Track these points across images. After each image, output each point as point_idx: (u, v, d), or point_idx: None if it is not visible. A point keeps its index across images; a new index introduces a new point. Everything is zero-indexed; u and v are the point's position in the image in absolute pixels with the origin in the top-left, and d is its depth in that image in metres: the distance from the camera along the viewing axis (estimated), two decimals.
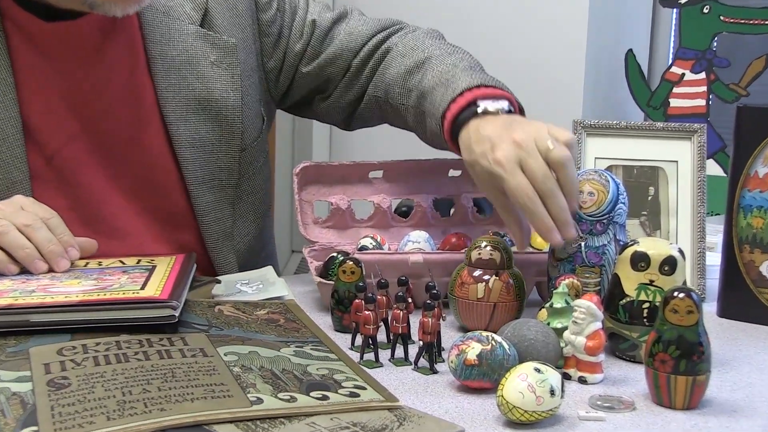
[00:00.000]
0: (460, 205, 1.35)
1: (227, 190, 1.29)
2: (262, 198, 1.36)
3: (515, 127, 1.05)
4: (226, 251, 1.29)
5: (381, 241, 1.25)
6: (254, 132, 1.31)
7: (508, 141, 1.02)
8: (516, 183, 1.00)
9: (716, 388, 0.94)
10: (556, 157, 1.00)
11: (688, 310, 0.87)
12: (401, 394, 0.89)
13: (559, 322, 0.98)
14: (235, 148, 1.28)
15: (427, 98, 1.21)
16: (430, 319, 0.96)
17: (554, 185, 0.99)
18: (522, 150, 1.01)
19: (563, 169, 1.00)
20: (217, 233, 1.29)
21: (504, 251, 1.08)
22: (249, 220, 1.33)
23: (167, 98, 1.23)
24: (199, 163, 1.25)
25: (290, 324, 1.02)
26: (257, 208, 1.35)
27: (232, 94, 1.26)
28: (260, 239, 1.37)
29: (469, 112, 1.11)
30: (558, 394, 0.83)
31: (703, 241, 1.28)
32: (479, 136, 1.06)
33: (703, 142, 1.29)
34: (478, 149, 1.05)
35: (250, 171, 1.32)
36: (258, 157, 1.33)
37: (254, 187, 1.33)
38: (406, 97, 1.26)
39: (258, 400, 0.79)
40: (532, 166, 1.00)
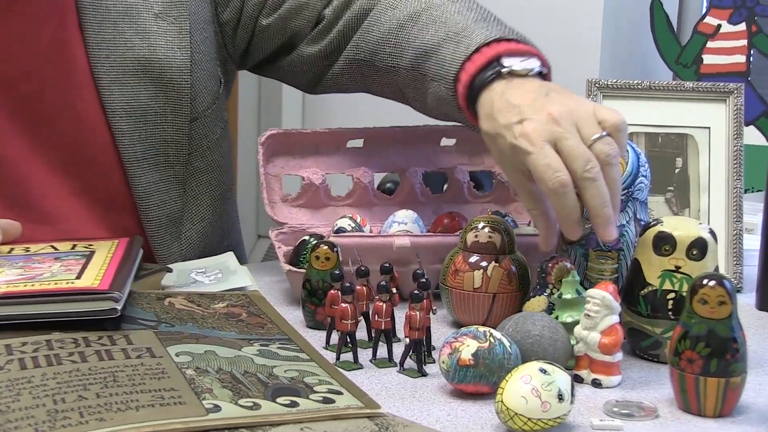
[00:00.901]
0: (455, 180, 1.35)
1: (175, 168, 1.28)
2: (219, 177, 1.35)
3: (553, 97, 1.01)
4: (170, 240, 1.28)
5: (361, 222, 1.26)
6: (208, 97, 1.31)
7: (542, 113, 0.99)
8: (545, 161, 0.96)
9: (753, 392, 0.95)
10: (602, 150, 0.96)
11: (719, 300, 0.88)
12: (384, 400, 0.89)
13: (569, 316, 0.99)
14: (184, 117, 1.27)
15: (431, 57, 1.17)
16: (418, 312, 0.96)
17: (597, 172, 0.96)
18: (558, 127, 0.98)
19: (608, 167, 0.97)
20: (161, 219, 1.28)
21: (505, 233, 1.09)
22: (203, 203, 1.33)
23: (100, 58, 1.22)
24: (139, 135, 1.24)
25: (254, 319, 1.03)
26: (214, 189, 1.34)
27: (179, 52, 1.25)
28: (218, 226, 1.37)
29: (492, 72, 1.08)
30: (567, 399, 0.83)
31: (740, 222, 1.29)
32: (505, 103, 1.03)
33: (741, 105, 1.30)
34: (503, 119, 1.02)
35: (204, 145, 1.31)
36: (214, 128, 1.33)
37: (209, 164, 1.33)
38: (398, 58, 1.23)
39: (215, 408, 0.79)
40: (569, 146, 0.96)
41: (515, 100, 1.02)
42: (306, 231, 1.28)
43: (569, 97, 1.02)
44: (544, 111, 0.99)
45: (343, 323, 0.99)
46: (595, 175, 0.96)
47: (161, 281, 1.14)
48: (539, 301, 1.04)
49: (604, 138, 0.98)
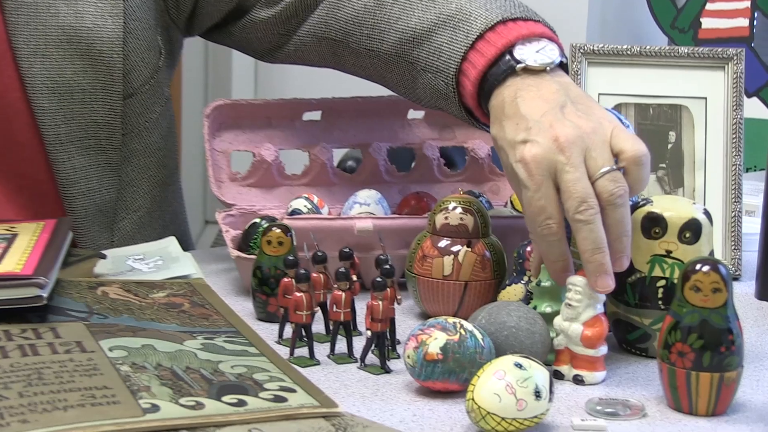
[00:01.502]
0: (423, 157, 1.36)
1: (107, 152, 1.28)
2: (160, 161, 1.35)
3: (567, 113, 0.99)
4: (98, 232, 1.28)
5: (318, 204, 1.26)
6: (145, 71, 1.30)
7: (547, 135, 0.97)
8: (540, 204, 0.95)
9: (750, 388, 0.97)
10: (606, 188, 0.94)
11: (713, 287, 0.89)
12: (343, 399, 0.90)
13: (548, 306, 1.00)
14: (116, 95, 1.26)
15: (422, 44, 1.14)
16: (381, 302, 0.97)
17: (592, 215, 0.94)
18: (562, 156, 0.95)
19: (610, 208, 0.95)
20: (88, 209, 1.28)
21: (478, 215, 1.10)
22: (141, 190, 1.33)
23: (19, 25, 1.21)
24: (64, 115, 1.24)
25: (198, 309, 1.03)
26: (153, 174, 1.34)
27: (110, 21, 1.24)
28: (158, 216, 1.36)
29: (504, 67, 1.05)
30: (545, 397, 0.84)
31: (739, 203, 1.30)
32: (514, 111, 1.01)
33: (741, 73, 1.32)
34: (509, 132, 1.00)
35: (141, 125, 1.31)
36: (152, 106, 1.32)
37: (147, 147, 1.33)
38: (378, 41, 1.19)
39: (153, 408, 0.80)
40: (567, 180, 0.95)
41: (525, 110, 1.00)
42: (257, 213, 1.28)
43: (587, 113, 0.99)
44: (551, 133, 0.97)
45: (298, 315, 1.00)
46: (587, 218, 0.94)
47: (94, 269, 1.14)
48: (516, 290, 1.05)
49: (612, 174, 0.95)
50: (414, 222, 1.19)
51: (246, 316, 1.09)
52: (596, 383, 0.97)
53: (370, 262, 1.14)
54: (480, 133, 1.38)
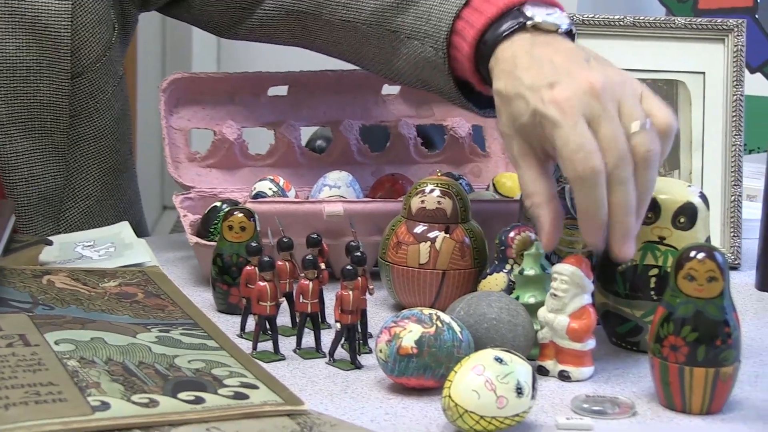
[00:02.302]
0: (399, 136, 1.36)
1: (53, 135, 1.28)
2: (112, 145, 1.35)
3: (594, 65, 0.99)
4: (42, 222, 1.28)
5: (285, 186, 1.27)
6: (96, 48, 1.30)
7: (580, 80, 0.96)
8: (579, 140, 0.93)
9: (748, 385, 0.98)
10: (643, 145, 0.94)
11: (709, 276, 0.90)
12: (310, 397, 0.91)
13: (531, 296, 1.01)
14: (63, 73, 1.26)
15: (407, 10, 1.14)
16: (351, 292, 0.98)
17: (630, 173, 0.94)
18: (597, 102, 0.95)
19: (644, 168, 0.95)
20: (31, 197, 1.28)
21: (457, 198, 1.10)
22: (90, 177, 1.32)
23: None
24: (5, 95, 1.24)
25: (152, 300, 1.03)
26: (104, 160, 1.34)
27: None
28: (109, 205, 1.36)
29: (513, 22, 1.04)
30: (527, 393, 0.85)
31: (739, 186, 1.31)
32: (533, 60, 1.00)
33: (742, 46, 1.33)
34: (528, 77, 0.98)
35: (91, 106, 1.30)
36: (104, 86, 1.32)
37: (98, 130, 1.32)
38: (355, 11, 1.19)
39: (102, 406, 0.80)
40: (607, 131, 0.94)
41: (546, 58, 0.99)
42: (218, 196, 1.29)
43: (614, 69, 1.00)
44: (582, 77, 0.96)
45: (261, 305, 1.00)
46: (627, 176, 0.94)
47: (39, 256, 1.14)
48: (497, 279, 1.06)
49: (649, 131, 0.95)
50: (388, 206, 1.19)
51: (206, 308, 1.09)
52: (583, 379, 0.97)
53: (340, 250, 1.14)
54: (460, 111, 1.38)
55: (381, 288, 1.14)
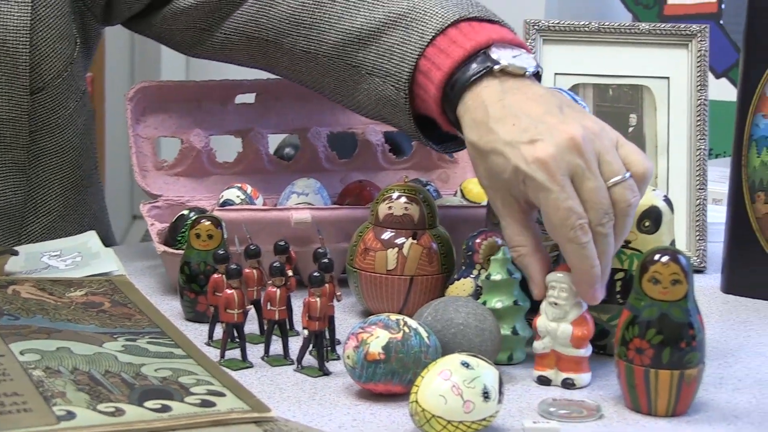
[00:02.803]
0: (367, 142, 1.37)
1: (14, 151, 1.26)
2: (74, 160, 1.34)
3: (569, 113, 0.98)
4: (3, 237, 1.27)
5: (252, 194, 1.27)
6: (58, 63, 1.28)
7: (560, 134, 0.95)
8: (568, 204, 0.94)
9: (713, 387, 0.99)
10: (624, 197, 0.95)
11: (673, 279, 0.90)
12: (277, 404, 0.91)
13: (498, 301, 1.01)
14: (22, 89, 1.24)
15: (369, 45, 1.12)
16: (319, 299, 0.98)
17: (611, 227, 0.95)
18: (580, 158, 0.95)
19: (624, 218, 0.96)
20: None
21: (425, 204, 1.11)
22: (52, 193, 1.32)
23: None
24: None
25: (119, 309, 1.03)
26: (67, 175, 1.33)
27: (15, 7, 1.22)
28: (73, 220, 1.35)
29: (480, 67, 1.02)
30: (494, 398, 0.85)
31: (704, 190, 1.32)
32: (505, 111, 0.98)
33: (705, 51, 1.34)
34: (505, 132, 0.97)
35: (52, 122, 1.29)
36: (65, 101, 1.31)
37: (60, 145, 1.31)
38: (316, 43, 1.17)
39: (68, 415, 0.80)
40: (590, 188, 0.95)
41: (519, 110, 0.98)
42: (185, 204, 1.29)
43: (589, 117, 0.99)
44: (562, 131, 0.96)
45: (229, 313, 1.00)
46: (608, 230, 0.95)
47: (5, 266, 1.14)
48: (465, 285, 1.06)
49: (629, 182, 0.96)
50: (355, 213, 1.19)
51: (173, 316, 1.09)
52: (585, 385, 0.98)
53: (308, 257, 1.14)
54: None
55: (349, 295, 1.14)
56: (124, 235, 3.03)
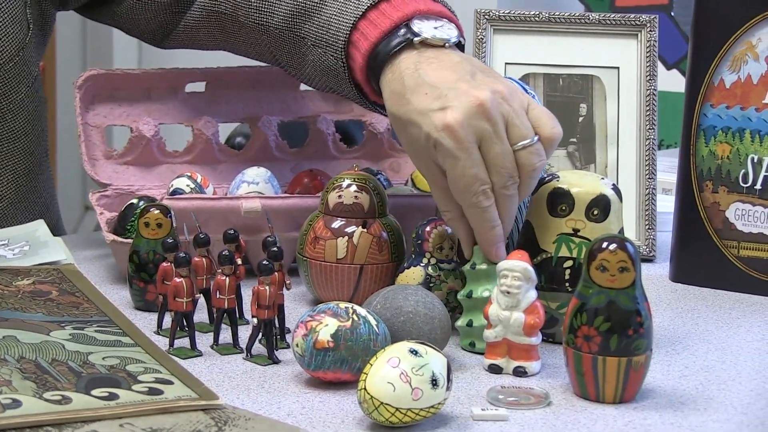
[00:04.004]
0: (318, 131, 1.37)
1: None
2: (26, 147, 1.33)
3: (480, 80, 1.01)
4: None
5: (202, 183, 1.26)
6: (10, 47, 1.28)
7: (467, 99, 0.99)
8: (473, 171, 0.98)
9: (660, 374, 0.99)
10: (530, 162, 0.99)
11: (620, 266, 0.91)
12: (226, 392, 0.91)
13: (485, 290, 1.01)
14: None
15: (313, 17, 1.16)
16: (268, 287, 0.98)
17: (515, 189, 1.00)
18: (487, 122, 0.98)
19: (528, 181, 1.00)
20: None
21: (375, 192, 1.11)
22: (4, 179, 1.31)
23: None
24: None
25: (67, 297, 1.03)
26: (18, 161, 1.32)
27: None
28: (24, 207, 1.35)
29: (400, 39, 1.06)
30: (443, 385, 0.86)
31: (653, 179, 1.33)
32: (419, 81, 1.02)
33: (654, 41, 1.35)
34: (418, 102, 1.01)
35: (4, 106, 1.29)
36: (17, 86, 1.30)
37: (12, 132, 1.31)
38: (268, 15, 1.20)
39: (13, 403, 0.79)
40: (496, 153, 0.98)
41: (433, 79, 1.01)
42: (134, 193, 1.28)
43: (500, 81, 1.02)
44: (469, 97, 0.99)
45: (178, 302, 1.00)
46: (513, 192, 0.99)
47: None
48: (415, 273, 1.06)
49: (536, 146, 0.99)
50: (306, 202, 1.19)
51: (122, 306, 1.09)
52: (536, 373, 0.98)
53: (258, 245, 1.14)
54: None
55: (299, 284, 1.14)
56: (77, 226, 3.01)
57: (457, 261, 1.06)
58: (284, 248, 1.03)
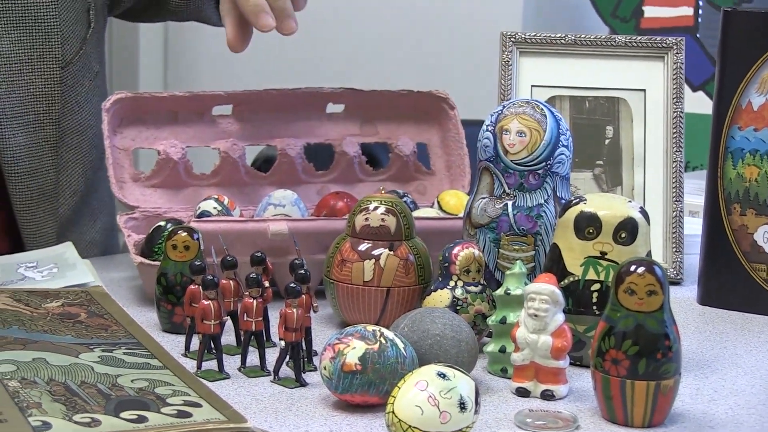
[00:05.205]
0: (343, 154, 1.37)
1: (46, 128, 1.31)
2: (91, 139, 1.38)
3: None
4: (44, 218, 1.30)
5: (229, 205, 1.27)
6: (75, 43, 1.34)
7: None
8: None
9: (689, 398, 0.99)
10: None
11: (649, 290, 0.91)
12: (254, 415, 0.91)
13: (517, 316, 1.01)
14: (54, 62, 1.30)
15: None
16: (296, 310, 0.98)
17: None
18: None
19: None
20: (32, 191, 1.30)
21: (401, 215, 1.11)
22: (76, 172, 1.35)
23: None
24: (7, 88, 1.27)
25: (95, 320, 1.03)
26: (86, 154, 1.37)
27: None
28: (89, 202, 1.38)
29: None
30: (470, 408, 0.86)
31: (681, 202, 1.33)
32: None
33: (681, 63, 1.35)
34: None
35: (74, 98, 1.34)
36: (81, 79, 1.37)
37: (80, 124, 1.36)
38: None
39: (44, 426, 0.80)
40: None
41: None
42: (162, 216, 1.29)
43: None
44: None
45: (205, 324, 1.00)
46: None
47: None
48: (442, 296, 1.06)
49: None
50: (332, 224, 1.20)
51: (150, 328, 1.09)
52: (564, 397, 0.98)
53: (285, 268, 1.14)
54: (405, 129, 1.40)
55: (326, 306, 1.14)
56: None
57: (483, 284, 1.07)
58: (311, 271, 1.03)
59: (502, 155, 1.09)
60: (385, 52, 2.78)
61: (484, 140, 1.11)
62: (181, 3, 1.45)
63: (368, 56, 2.79)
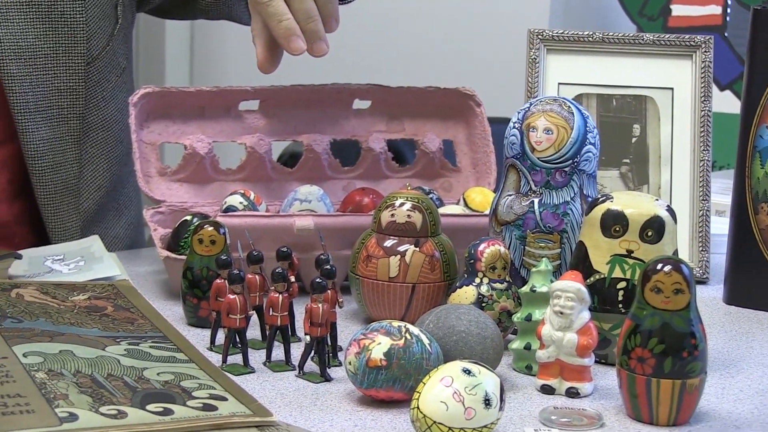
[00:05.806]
0: (369, 150, 1.37)
1: (70, 123, 1.32)
2: (117, 135, 1.39)
3: None
4: (68, 212, 1.31)
5: (255, 200, 1.27)
6: (102, 39, 1.35)
7: None
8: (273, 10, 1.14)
9: (715, 397, 0.99)
10: None
11: (675, 288, 0.91)
12: (279, 409, 0.91)
13: (542, 313, 1.01)
14: (79, 57, 1.31)
15: None
16: (321, 305, 0.98)
17: None
18: None
19: None
20: (56, 185, 1.32)
21: (427, 212, 1.11)
22: (100, 167, 1.36)
23: None
24: (30, 82, 1.28)
25: (122, 313, 1.04)
26: (111, 149, 1.38)
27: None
28: (115, 197, 1.39)
29: None
30: (495, 405, 0.86)
31: (707, 201, 1.33)
32: None
33: (709, 62, 1.34)
34: None
35: (99, 94, 1.35)
36: (108, 75, 1.38)
37: (105, 119, 1.37)
38: None
39: (70, 417, 0.80)
40: None
41: None
42: (188, 210, 1.29)
43: None
44: None
45: (231, 318, 1.01)
46: None
47: (8, 270, 1.14)
48: (467, 293, 1.06)
49: None
50: (358, 220, 1.20)
51: (176, 321, 1.10)
52: (589, 394, 0.98)
53: (311, 263, 1.15)
54: (431, 125, 1.40)
55: (351, 302, 1.14)
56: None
57: (509, 281, 1.07)
58: (337, 266, 1.04)
59: (529, 152, 1.09)
60: (412, 49, 2.78)
61: (510, 137, 1.11)
62: (211, 2, 1.45)
63: (395, 53, 2.79)
